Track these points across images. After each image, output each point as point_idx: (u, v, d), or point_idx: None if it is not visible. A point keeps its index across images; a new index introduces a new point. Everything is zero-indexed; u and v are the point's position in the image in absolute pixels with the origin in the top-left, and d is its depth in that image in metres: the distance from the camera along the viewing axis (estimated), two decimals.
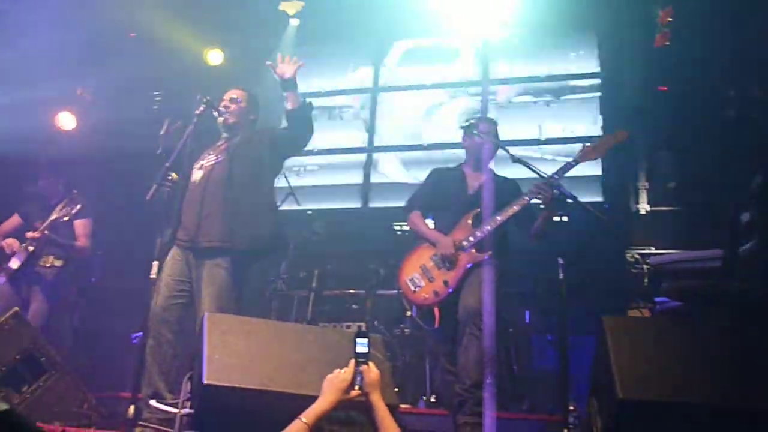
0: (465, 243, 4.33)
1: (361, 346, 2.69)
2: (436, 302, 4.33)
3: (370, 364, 2.68)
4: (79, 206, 5.55)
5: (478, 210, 4.35)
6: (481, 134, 4.53)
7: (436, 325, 4.54)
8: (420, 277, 4.39)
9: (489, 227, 4.28)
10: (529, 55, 7.91)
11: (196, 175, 4.51)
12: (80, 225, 5.83)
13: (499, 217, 4.27)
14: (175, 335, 4.11)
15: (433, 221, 4.70)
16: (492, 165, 4.66)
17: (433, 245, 4.44)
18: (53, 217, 5.58)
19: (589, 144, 4.31)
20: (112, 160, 7.58)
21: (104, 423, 4.13)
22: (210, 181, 4.43)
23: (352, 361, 2.68)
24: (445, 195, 4.63)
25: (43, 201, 5.92)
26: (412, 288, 4.38)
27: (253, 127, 4.74)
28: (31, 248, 5.58)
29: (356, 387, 2.65)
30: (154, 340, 4.07)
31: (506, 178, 4.61)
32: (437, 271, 4.36)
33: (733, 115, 5.86)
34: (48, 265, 5.74)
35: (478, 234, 4.31)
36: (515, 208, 4.25)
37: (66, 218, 5.58)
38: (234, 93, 4.71)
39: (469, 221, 4.40)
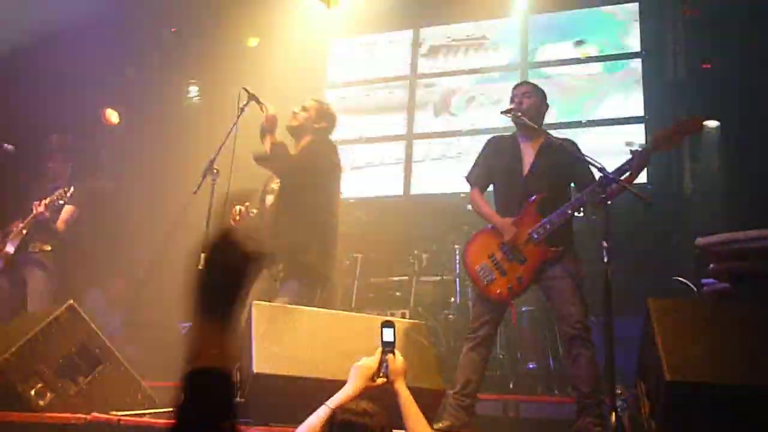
0: (535, 235, 4.12)
1: (388, 335, 2.74)
2: (511, 298, 4.22)
3: (396, 352, 2.72)
4: (71, 191, 5.47)
5: (542, 195, 4.17)
6: (514, 99, 4.38)
7: (514, 323, 4.50)
8: (491, 269, 4.20)
9: (558, 219, 4.10)
10: (566, 32, 7.87)
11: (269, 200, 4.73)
12: (66, 210, 5.75)
13: (569, 210, 4.11)
14: None
15: (494, 196, 4.53)
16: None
17: (498, 232, 4.27)
18: (47, 201, 5.51)
19: (660, 131, 4.01)
20: (157, 155, 7.75)
21: (158, 412, 4.23)
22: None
23: (379, 349, 2.73)
24: (501, 170, 4.43)
25: (45, 183, 5.90)
26: (484, 280, 4.20)
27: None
28: (24, 231, 5.59)
29: (381, 374, 2.70)
30: None
31: (562, 141, 4.32)
32: (508, 263, 4.17)
33: None
34: (36, 250, 5.70)
35: (548, 226, 4.11)
36: (584, 199, 4.09)
37: (61, 201, 5.52)
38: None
39: (534, 208, 4.19)
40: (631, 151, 4.00)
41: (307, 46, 8.16)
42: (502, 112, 4.38)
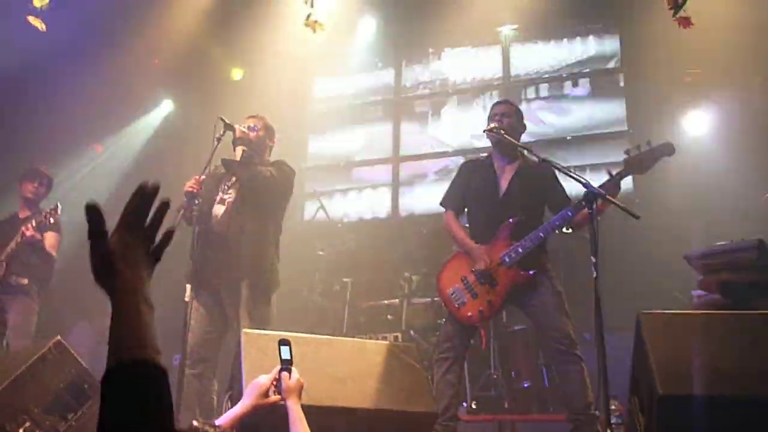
0: (507, 259, 4.17)
1: (285, 352, 2.76)
2: (481, 321, 4.26)
3: (293, 370, 2.72)
4: (60, 208, 5.34)
5: (518, 219, 4.20)
6: (495, 118, 4.39)
7: (483, 347, 4.52)
8: (462, 292, 4.26)
9: (531, 243, 4.14)
10: (549, 40, 7.96)
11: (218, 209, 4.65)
12: (49, 237, 5.62)
13: (542, 234, 4.13)
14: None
15: (467, 219, 4.59)
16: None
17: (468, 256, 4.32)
18: (34, 223, 5.38)
19: (631, 154, 3.98)
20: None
21: None
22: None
23: (276, 367, 2.73)
24: (477, 193, 4.48)
25: (27, 208, 5.82)
26: (456, 303, 4.26)
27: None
28: (5, 264, 5.47)
29: (273, 392, 2.69)
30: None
31: (538, 163, 4.33)
32: (480, 286, 4.22)
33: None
34: (13, 283, 5.56)
35: (520, 250, 4.15)
36: (557, 223, 4.12)
37: (51, 220, 5.35)
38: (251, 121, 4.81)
39: (508, 232, 4.23)
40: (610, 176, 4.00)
41: (292, 80, 8.22)
42: (485, 131, 4.38)
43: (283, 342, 2.77)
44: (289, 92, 8.21)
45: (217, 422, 2.55)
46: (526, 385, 5.68)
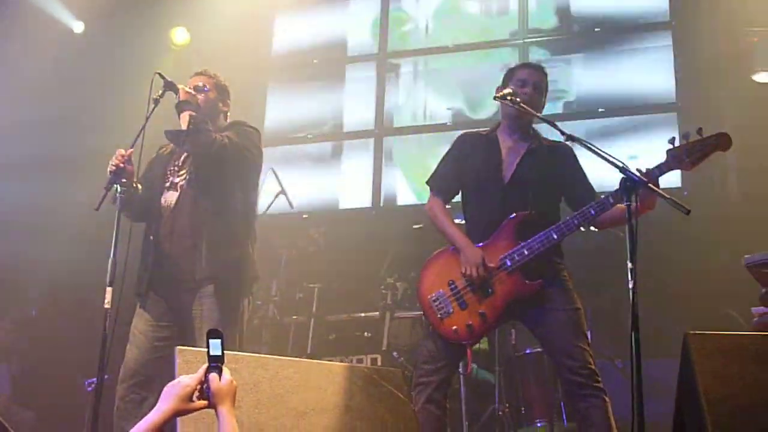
0: (508, 261, 4.13)
1: (215, 347, 2.72)
2: (470, 340, 4.17)
3: (225, 370, 2.70)
4: None
5: (527, 214, 4.17)
6: (516, 83, 4.33)
7: (468, 371, 4.49)
8: (448, 299, 4.19)
9: (540, 245, 4.10)
10: None
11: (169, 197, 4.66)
12: None
13: (555, 234, 4.09)
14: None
15: (462, 210, 4.55)
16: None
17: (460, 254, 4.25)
18: None
19: (678, 146, 3.88)
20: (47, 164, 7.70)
21: None
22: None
23: (203, 366, 2.71)
24: (475, 176, 4.42)
25: None
26: (437, 313, 4.19)
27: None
28: None
29: (196, 396, 2.67)
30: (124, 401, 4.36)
31: (554, 146, 4.36)
32: (471, 294, 4.17)
33: None
34: None
35: (525, 252, 4.11)
36: (575, 222, 4.08)
37: None
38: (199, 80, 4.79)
39: (512, 229, 4.19)
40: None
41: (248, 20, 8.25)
42: (496, 97, 4.30)
43: (214, 334, 2.73)
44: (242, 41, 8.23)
45: None
46: (539, 424, 5.70)
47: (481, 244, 4.23)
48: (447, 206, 4.53)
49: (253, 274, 4.69)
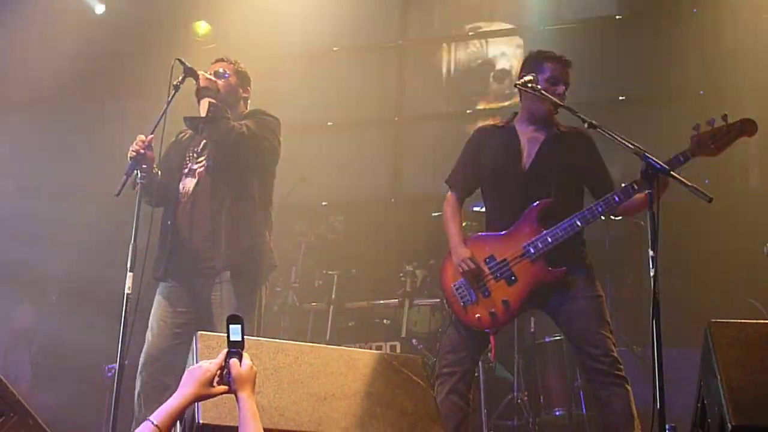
0: (531, 249, 4.14)
1: (234, 333, 2.72)
2: (493, 327, 4.20)
3: (245, 355, 2.71)
4: None
5: (550, 201, 4.18)
6: (550, 81, 4.26)
7: (492, 358, 4.49)
8: (471, 287, 4.23)
9: (564, 233, 4.10)
10: None
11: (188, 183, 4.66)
12: None
13: (579, 221, 4.09)
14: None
15: (483, 198, 4.59)
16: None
17: (488, 242, 4.30)
18: None
19: (704, 131, 3.88)
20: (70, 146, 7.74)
21: None
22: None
23: (224, 351, 2.71)
24: (494, 166, 4.43)
25: None
26: (461, 301, 4.23)
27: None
28: None
29: (218, 382, 2.68)
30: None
31: (573, 132, 4.36)
32: (494, 282, 4.20)
33: None
34: None
35: (549, 239, 4.11)
36: (599, 210, 4.08)
37: None
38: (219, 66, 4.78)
39: (535, 216, 4.19)
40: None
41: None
42: (517, 84, 4.27)
43: (234, 320, 2.74)
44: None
45: (152, 418, 2.54)
46: (558, 413, 5.69)
47: (504, 232, 4.25)
48: (467, 198, 4.58)
49: (270, 263, 4.69)
